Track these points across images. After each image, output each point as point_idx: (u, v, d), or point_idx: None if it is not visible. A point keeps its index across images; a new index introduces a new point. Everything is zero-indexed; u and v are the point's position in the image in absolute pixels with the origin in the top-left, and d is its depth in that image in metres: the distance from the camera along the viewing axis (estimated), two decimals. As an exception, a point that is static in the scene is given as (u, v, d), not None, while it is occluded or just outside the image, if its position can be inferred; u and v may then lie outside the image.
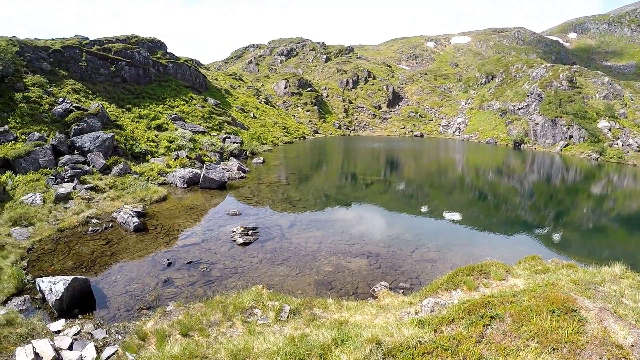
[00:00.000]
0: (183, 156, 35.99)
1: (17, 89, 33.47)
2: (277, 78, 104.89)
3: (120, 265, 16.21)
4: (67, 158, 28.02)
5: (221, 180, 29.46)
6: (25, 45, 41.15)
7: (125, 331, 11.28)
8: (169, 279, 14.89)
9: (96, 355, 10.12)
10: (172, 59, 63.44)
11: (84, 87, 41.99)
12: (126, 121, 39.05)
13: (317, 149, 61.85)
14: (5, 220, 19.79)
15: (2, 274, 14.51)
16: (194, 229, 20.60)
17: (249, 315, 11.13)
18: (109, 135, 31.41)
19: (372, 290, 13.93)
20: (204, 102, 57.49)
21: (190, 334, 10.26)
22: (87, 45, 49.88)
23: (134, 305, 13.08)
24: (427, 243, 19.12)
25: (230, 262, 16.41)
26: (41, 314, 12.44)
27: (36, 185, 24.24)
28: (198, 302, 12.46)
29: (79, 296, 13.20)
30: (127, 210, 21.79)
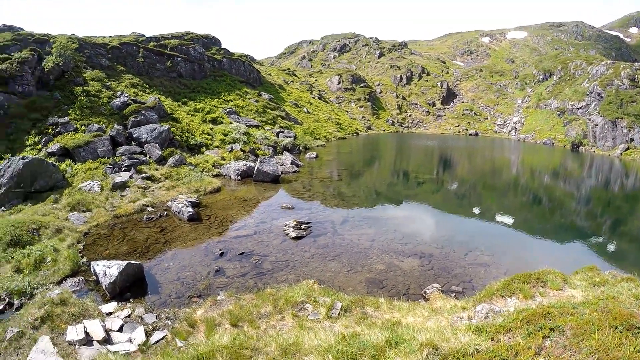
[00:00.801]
0: (237, 149, 36.32)
1: (77, 83, 35.47)
2: (330, 73, 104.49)
3: (173, 252, 16.40)
4: (125, 148, 28.93)
5: (274, 174, 29.47)
6: (85, 42, 43.31)
7: (175, 317, 11.38)
8: (221, 268, 14.89)
9: (145, 338, 10.26)
10: (226, 54, 64.39)
11: (141, 81, 43.41)
12: (182, 114, 39.98)
13: (369, 145, 61.06)
14: (64, 205, 20.64)
15: (58, 256, 15.02)
16: (246, 221, 20.58)
17: (300, 309, 10.97)
18: (165, 128, 32.18)
19: (424, 292, 13.43)
20: (258, 97, 58.02)
21: (240, 325, 10.17)
22: (143, 41, 51.54)
23: (185, 292, 13.14)
24: (480, 246, 18.21)
25: (282, 256, 16.23)
26: (94, 295, 12.75)
27: (94, 173, 25.15)
28: (249, 294, 12.40)
29: (132, 281, 13.48)
30: (182, 200, 22.06)
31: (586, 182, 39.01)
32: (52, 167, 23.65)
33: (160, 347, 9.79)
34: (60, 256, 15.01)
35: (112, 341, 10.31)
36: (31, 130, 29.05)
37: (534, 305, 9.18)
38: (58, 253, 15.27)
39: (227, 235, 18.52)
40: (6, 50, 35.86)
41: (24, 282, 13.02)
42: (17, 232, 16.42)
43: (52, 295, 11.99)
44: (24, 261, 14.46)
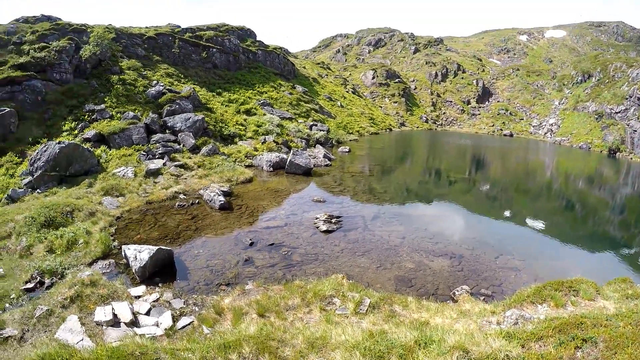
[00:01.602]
0: (270, 140, 36.44)
1: (113, 71, 36.68)
2: (364, 68, 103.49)
3: (203, 240, 16.57)
4: (159, 136, 29.44)
5: (307, 167, 29.47)
6: (121, 32, 44.45)
7: (203, 304, 11.52)
8: (250, 258, 14.95)
9: (172, 323, 10.40)
10: (261, 46, 64.73)
11: (176, 71, 44.15)
12: (216, 105, 40.39)
13: (402, 142, 60.36)
14: (98, 189, 21.23)
15: (90, 238, 15.44)
16: (277, 212, 20.62)
17: (328, 303, 10.93)
18: (199, 117, 32.56)
19: (453, 293, 13.19)
20: (292, 89, 58.09)
21: (267, 315, 10.20)
22: (179, 32, 52.37)
23: (214, 280, 13.27)
24: (510, 250, 17.72)
25: (311, 248, 16.19)
26: (123, 278, 13.04)
27: (128, 159, 25.74)
28: (277, 285, 12.45)
29: (162, 266, 13.70)
30: (214, 188, 22.31)
31: (622, 190, 37.39)
32: (87, 152, 24.35)
33: (186, 332, 9.88)
34: (92, 239, 15.43)
35: (139, 324, 10.49)
36: (68, 116, 30.04)
37: (565, 314, 9.09)
38: (90, 235, 15.71)
39: (257, 225, 18.59)
40: (44, 39, 36.94)
41: (55, 262, 13.39)
42: (51, 213, 16.95)
43: (83, 276, 12.32)
44: (56, 242, 14.91)
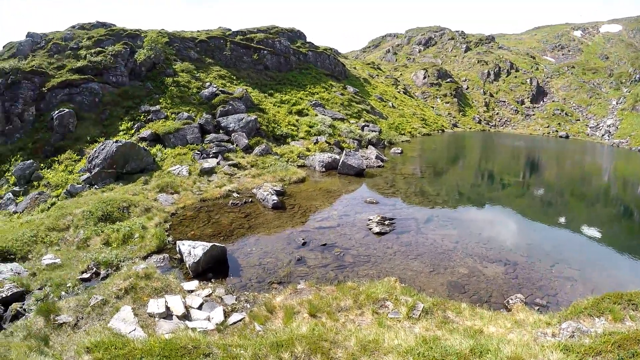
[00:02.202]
0: (322, 141, 36.32)
1: (167, 74, 38.15)
2: (415, 68, 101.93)
3: (256, 238, 16.59)
4: (213, 136, 30.02)
5: (359, 168, 29.17)
6: (174, 36, 46.16)
7: (254, 301, 11.54)
8: (302, 258, 14.81)
9: (223, 318, 10.49)
10: (311, 47, 65.14)
11: (228, 73, 44.95)
12: (268, 105, 40.73)
13: (454, 143, 58.86)
14: (154, 186, 21.94)
15: (146, 233, 15.89)
16: (330, 213, 20.39)
17: (380, 307, 10.69)
18: (252, 118, 32.91)
19: (507, 301, 12.51)
20: (343, 90, 57.90)
21: (318, 316, 10.08)
22: (230, 35, 53.67)
23: (266, 278, 13.24)
24: (567, 258, 16.61)
25: (364, 250, 15.87)
26: (177, 273, 13.28)
27: (183, 158, 26.37)
28: (329, 285, 12.30)
29: (215, 262, 13.81)
30: (267, 188, 22.38)
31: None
32: (143, 151, 25.25)
33: (237, 328, 9.94)
34: (147, 233, 15.88)
35: (191, 318, 10.63)
36: (124, 117, 31.48)
37: (624, 329, 8.67)
38: (146, 230, 16.18)
39: (310, 225, 18.44)
40: (100, 44, 39.17)
41: (111, 254, 13.86)
42: (108, 208, 17.62)
43: (138, 269, 12.60)
44: (113, 235, 15.48)
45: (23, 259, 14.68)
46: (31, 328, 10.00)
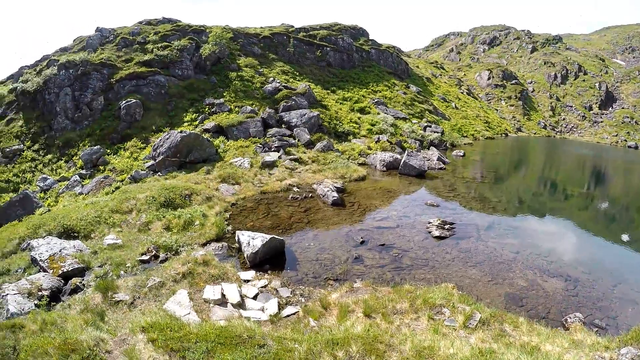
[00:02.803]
0: (384, 140, 35.80)
1: (231, 68, 39.37)
2: (479, 68, 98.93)
3: (314, 233, 16.48)
4: (275, 130, 30.29)
5: (421, 169, 28.48)
6: (238, 32, 47.41)
7: (309, 296, 11.52)
8: (360, 256, 14.57)
9: (277, 310, 10.46)
10: (374, 45, 64.60)
11: (291, 69, 45.36)
12: (331, 102, 40.68)
13: (518, 149, 56.59)
14: (215, 176, 22.42)
15: (206, 221, 16.14)
16: (389, 213, 19.97)
17: (437, 313, 10.38)
18: (314, 114, 32.92)
19: (565, 319, 11.73)
20: (405, 89, 57.03)
21: (373, 316, 9.92)
22: (293, 32, 54.29)
23: (322, 274, 13.12)
24: (630, 280, 15.32)
25: (422, 253, 15.42)
26: (234, 262, 13.45)
27: (245, 151, 26.84)
28: (385, 287, 12.06)
29: (272, 254, 13.83)
30: (328, 184, 22.20)
31: None
32: (206, 142, 25.96)
33: (290, 321, 9.94)
34: (207, 221, 16.12)
35: (245, 307, 10.68)
36: (189, 108, 32.74)
37: None
38: (206, 218, 16.45)
39: (369, 224, 18.15)
40: (167, 39, 41.04)
41: (171, 239, 14.12)
42: (171, 195, 18.12)
43: (197, 255, 12.75)
44: (174, 221, 15.85)
45: (86, 238, 15.26)
46: (88, 303, 10.34)
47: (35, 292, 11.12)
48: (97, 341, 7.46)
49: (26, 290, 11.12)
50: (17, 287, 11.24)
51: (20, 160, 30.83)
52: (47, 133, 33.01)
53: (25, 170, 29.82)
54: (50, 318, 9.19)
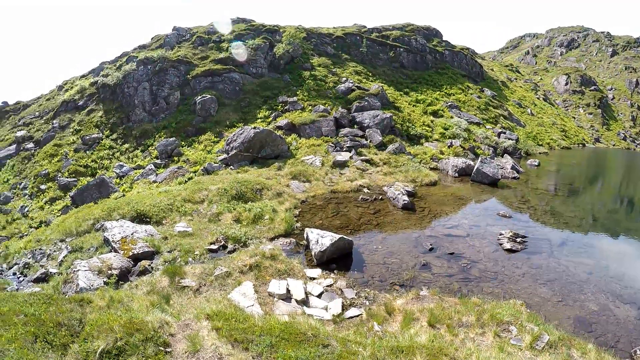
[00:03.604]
0: (457, 145, 34.79)
1: (305, 68, 40.02)
2: (556, 72, 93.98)
3: (383, 237, 16.17)
4: (347, 130, 30.27)
5: (494, 177, 27.33)
6: (311, 32, 48.21)
7: (374, 299, 11.31)
8: (428, 263, 14.12)
9: (341, 311, 10.38)
10: (447, 46, 63.05)
11: (364, 69, 45.23)
12: (403, 104, 40.06)
13: (595, 161, 52.88)
14: (286, 173, 22.70)
15: (275, 216, 16.30)
16: (460, 221, 19.26)
17: (503, 330, 9.90)
18: (387, 115, 32.52)
19: (634, 351, 10.75)
20: (480, 93, 55.19)
21: (437, 327, 9.60)
22: (365, 32, 54.27)
23: (388, 278, 12.84)
24: None
25: (491, 266, 14.69)
26: (301, 258, 13.47)
27: (316, 149, 26.96)
28: (452, 297, 11.63)
29: (340, 254, 13.69)
30: (399, 187, 21.77)
31: None
32: (279, 138, 26.45)
33: (353, 323, 9.82)
34: (277, 217, 16.27)
35: (309, 304, 10.69)
36: (262, 105, 33.63)
37: None
38: (276, 214, 16.61)
39: (438, 231, 17.60)
40: (241, 38, 42.59)
41: (240, 231, 14.36)
42: (242, 188, 18.56)
43: (265, 248, 12.89)
44: (244, 214, 16.16)
45: (157, 224, 15.77)
46: (155, 285, 10.72)
47: (105, 270, 11.64)
48: (162, 323, 7.61)
49: (97, 268, 11.67)
50: (89, 265, 11.81)
51: (99, 148, 32.99)
52: (125, 124, 35.14)
53: (103, 157, 31.82)
54: (117, 296, 9.58)
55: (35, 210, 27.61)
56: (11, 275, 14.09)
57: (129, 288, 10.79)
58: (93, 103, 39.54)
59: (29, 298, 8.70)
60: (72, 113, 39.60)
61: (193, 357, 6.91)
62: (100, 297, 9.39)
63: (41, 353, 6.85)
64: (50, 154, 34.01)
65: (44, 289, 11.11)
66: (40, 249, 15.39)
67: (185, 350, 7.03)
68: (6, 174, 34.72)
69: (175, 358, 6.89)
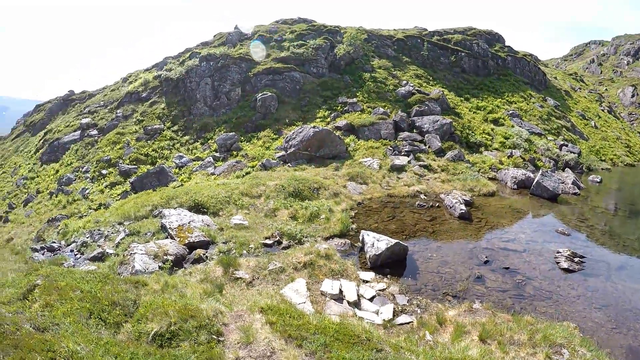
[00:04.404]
0: (517, 155, 33.67)
1: (365, 69, 39.97)
2: (622, 83, 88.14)
3: (438, 245, 15.95)
4: (406, 135, 29.90)
5: (554, 192, 26.21)
6: (372, 33, 48.03)
7: (426, 308, 11.20)
8: (482, 276, 13.77)
9: (392, 317, 10.31)
10: (510, 52, 60.69)
11: (425, 73, 44.58)
12: (464, 110, 39.17)
13: None
14: (344, 174, 22.75)
15: (332, 216, 16.37)
16: (517, 235, 18.65)
17: (555, 352, 9.62)
18: (447, 121, 31.91)
19: None
20: (542, 102, 52.94)
21: (488, 342, 9.48)
22: (426, 35, 53.48)
23: (441, 288, 12.66)
24: None
25: (547, 284, 14.14)
26: (354, 260, 13.47)
27: (374, 152, 26.78)
28: (505, 313, 11.37)
29: (394, 259, 13.62)
30: (456, 195, 21.32)
31: None
32: (337, 139, 26.61)
33: (403, 330, 9.77)
34: (333, 217, 16.32)
35: (361, 307, 10.67)
36: (322, 105, 33.87)
37: None
38: (332, 213, 16.68)
39: (494, 243, 17.11)
40: (302, 38, 43.24)
41: (296, 228, 14.49)
42: (300, 186, 18.79)
43: (320, 247, 12.96)
44: (300, 212, 16.36)
45: (214, 214, 16.14)
46: (209, 274, 11.01)
47: (160, 255, 12.04)
48: (216, 312, 7.81)
49: (153, 252, 12.08)
50: (145, 249, 12.26)
51: (160, 138, 34.30)
52: (186, 117, 36.34)
53: (163, 147, 33.07)
54: (172, 281, 9.92)
55: (95, 193, 28.89)
56: (68, 252, 14.76)
57: (182, 274, 11.12)
58: (156, 95, 41.19)
59: (85, 275, 9.13)
60: (135, 104, 41.40)
61: (245, 348, 7.04)
62: (155, 280, 9.78)
63: (95, 329, 7.15)
64: (113, 141, 35.63)
65: (100, 268, 11.57)
66: (99, 229, 16.06)
67: (238, 341, 7.16)
68: (70, 158, 36.75)
69: (228, 348, 7.04)
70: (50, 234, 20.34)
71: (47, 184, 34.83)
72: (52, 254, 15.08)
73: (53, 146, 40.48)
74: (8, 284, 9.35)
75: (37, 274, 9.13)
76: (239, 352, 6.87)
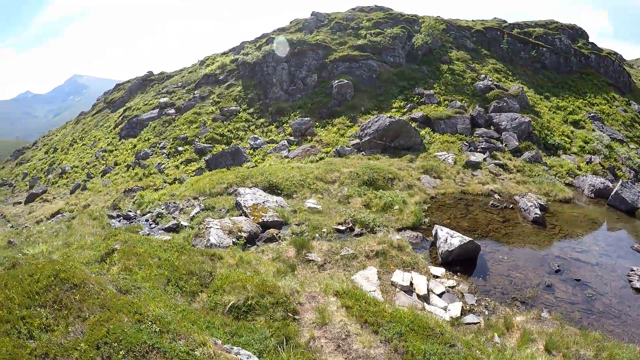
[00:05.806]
0: (596, 162, 31.82)
1: (443, 61, 38.97)
2: None
3: (509, 248, 15.59)
4: (483, 131, 29.14)
5: (633, 205, 24.51)
6: (450, 24, 46.65)
7: (493, 311, 11.08)
8: (552, 285, 13.32)
9: (459, 315, 10.27)
10: (594, 49, 56.48)
11: (504, 67, 42.80)
12: (543, 109, 37.39)
13: None
14: (418, 166, 22.64)
15: (405, 208, 16.32)
16: (590, 247, 17.80)
17: None
18: (526, 120, 30.70)
19: None
20: (626, 106, 48.98)
21: (553, 353, 9.26)
22: (506, 28, 51.02)
23: (510, 292, 12.43)
24: None
25: (616, 302, 13.42)
26: (426, 254, 13.43)
27: (450, 146, 26.36)
28: (572, 327, 11.04)
29: (466, 257, 13.51)
30: (531, 198, 20.62)
31: None
32: (413, 130, 26.44)
33: (470, 330, 9.66)
34: (406, 208, 16.26)
35: (430, 301, 10.66)
36: (398, 95, 33.55)
37: None
38: (405, 205, 16.60)
39: (567, 253, 16.45)
40: (379, 26, 42.65)
41: (369, 217, 14.57)
42: (374, 175, 18.87)
43: (393, 238, 13.00)
44: (374, 201, 16.43)
45: (287, 196, 16.57)
46: (281, 254, 11.34)
47: (235, 231, 12.52)
48: (293, 291, 8.00)
49: (227, 228, 12.58)
50: (220, 224, 12.77)
51: (236, 120, 35.31)
52: (262, 100, 37.06)
53: (238, 129, 34.00)
54: (247, 257, 10.31)
55: (170, 168, 30.12)
56: (144, 221, 15.64)
57: (255, 251, 11.49)
58: (232, 78, 42.25)
59: (162, 244, 9.69)
60: (212, 86, 42.60)
61: (320, 329, 7.21)
62: (230, 255, 10.19)
63: (172, 296, 7.57)
64: (190, 121, 36.93)
65: (175, 239, 12.11)
66: (174, 202, 16.81)
67: (313, 321, 7.33)
68: (147, 134, 38.52)
69: (303, 326, 7.23)
70: (126, 204, 21.36)
71: (125, 157, 36.79)
72: (128, 221, 16.05)
73: (132, 122, 42.65)
74: (87, 246, 10.10)
75: (116, 239, 9.75)
76: (314, 331, 7.05)
